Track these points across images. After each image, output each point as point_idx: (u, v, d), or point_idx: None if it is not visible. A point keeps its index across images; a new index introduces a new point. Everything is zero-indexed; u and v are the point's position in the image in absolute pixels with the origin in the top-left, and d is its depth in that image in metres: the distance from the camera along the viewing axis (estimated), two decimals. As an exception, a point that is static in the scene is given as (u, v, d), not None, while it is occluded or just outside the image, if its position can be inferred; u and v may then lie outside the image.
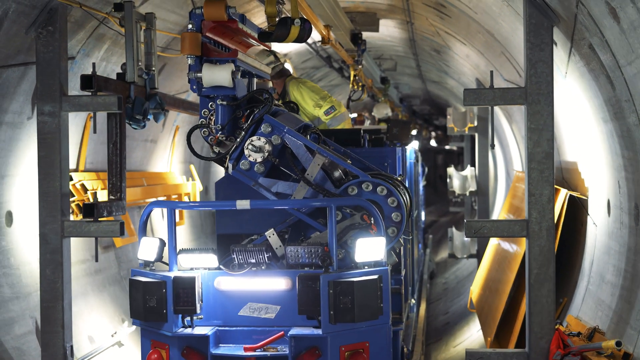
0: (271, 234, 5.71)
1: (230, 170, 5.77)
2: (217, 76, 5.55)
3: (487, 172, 17.30)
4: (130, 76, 6.79)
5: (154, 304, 5.26)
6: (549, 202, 6.12)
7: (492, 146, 6.31)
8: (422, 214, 18.30)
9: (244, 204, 5.40)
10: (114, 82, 6.73)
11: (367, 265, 5.34)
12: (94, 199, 8.01)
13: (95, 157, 8.73)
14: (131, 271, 5.54)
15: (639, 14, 4.71)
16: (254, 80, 6.31)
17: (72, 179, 7.96)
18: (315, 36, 9.88)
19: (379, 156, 6.58)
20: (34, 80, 6.68)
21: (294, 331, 5.26)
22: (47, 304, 6.49)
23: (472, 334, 13.10)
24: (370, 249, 5.34)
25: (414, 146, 14.33)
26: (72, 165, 8.13)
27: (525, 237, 6.20)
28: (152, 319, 5.32)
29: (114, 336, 8.77)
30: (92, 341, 8.39)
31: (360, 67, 11.89)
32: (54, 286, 6.48)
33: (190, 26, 5.56)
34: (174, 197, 10.90)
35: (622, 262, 6.07)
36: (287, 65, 8.60)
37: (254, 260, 5.47)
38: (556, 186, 7.38)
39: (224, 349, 5.37)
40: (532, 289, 6.16)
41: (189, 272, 5.44)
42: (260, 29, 6.25)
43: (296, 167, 5.71)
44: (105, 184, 8.15)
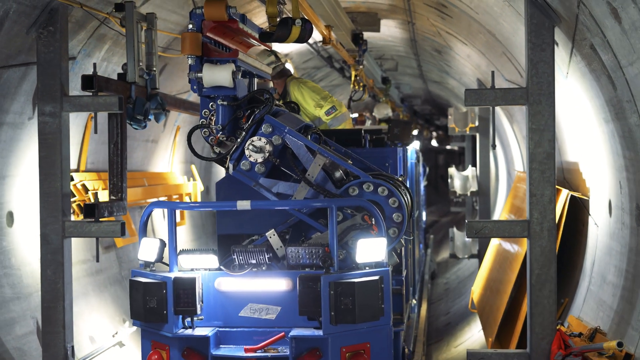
0: (272, 235, 5.69)
1: (230, 170, 5.75)
2: (217, 76, 5.54)
3: (488, 172, 17.28)
4: (131, 76, 6.79)
5: (154, 305, 5.25)
6: (550, 202, 6.11)
7: (493, 146, 6.29)
8: (423, 214, 18.28)
9: (244, 205, 5.38)
10: (114, 82, 6.73)
11: (368, 266, 5.32)
12: (95, 199, 8.01)
13: (96, 157, 8.73)
14: (131, 272, 5.54)
15: (640, 14, 4.70)
16: (255, 80, 6.29)
17: (73, 179, 7.96)
18: (316, 36, 9.87)
19: (380, 156, 6.57)
20: (34, 80, 6.68)
21: (294, 332, 5.25)
22: (48, 304, 6.49)
23: (473, 335, 13.09)
24: (371, 250, 5.33)
25: (415, 146, 14.31)
26: (73, 165, 8.13)
27: (526, 237, 6.19)
28: (152, 319, 5.31)
29: (115, 336, 8.77)
30: (93, 341, 8.39)
31: (361, 67, 11.87)
32: (55, 286, 6.48)
33: (190, 26, 5.55)
34: (175, 197, 10.89)
35: (624, 263, 6.06)
36: (288, 65, 8.58)
37: (254, 260, 5.45)
38: (557, 186, 7.37)
39: (225, 350, 5.36)
40: (533, 289, 6.15)
41: (190, 273, 5.42)
42: (261, 29, 6.23)
43: (297, 167, 5.70)
44: (106, 184, 8.14)
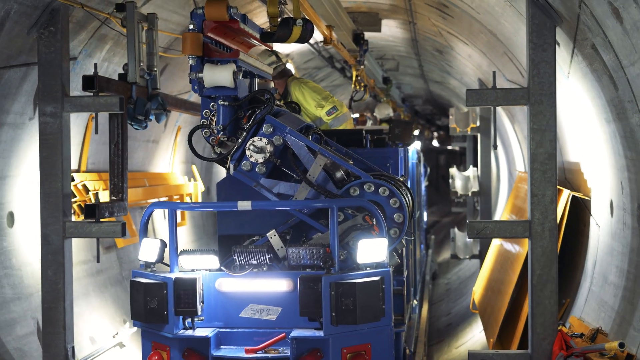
0: (273, 235, 5.68)
1: (231, 171, 5.74)
2: (218, 76, 5.52)
3: (489, 172, 17.26)
4: (132, 77, 6.78)
5: (155, 306, 5.24)
6: (552, 202, 6.10)
7: (494, 147, 6.28)
8: (424, 214, 18.26)
9: (245, 205, 5.37)
10: (115, 82, 6.72)
11: (369, 266, 5.31)
12: (96, 200, 7.97)
13: (96, 157, 8.73)
14: (132, 272, 5.53)
15: (642, 14, 4.69)
16: (256, 80, 6.28)
17: (73, 180, 7.95)
18: (317, 36, 9.86)
19: (381, 157, 6.56)
20: (35, 80, 6.68)
21: (295, 333, 5.23)
22: (49, 304, 6.49)
23: (474, 335, 13.07)
24: (372, 250, 5.32)
25: (416, 146, 14.28)
26: (74, 165, 8.13)
27: (527, 237, 6.18)
28: (152, 320, 5.31)
29: (115, 337, 8.76)
30: (94, 342, 8.38)
31: (362, 67, 11.86)
32: (56, 287, 6.48)
33: (191, 26, 5.53)
34: (175, 197, 10.88)
35: (625, 263, 6.05)
36: (289, 65, 8.57)
37: (255, 261, 5.44)
38: (559, 187, 7.35)
39: (225, 351, 5.35)
40: (534, 290, 6.14)
41: (190, 274, 5.41)
42: (262, 29, 6.22)
43: (298, 167, 5.69)
44: (106, 185, 8.13)
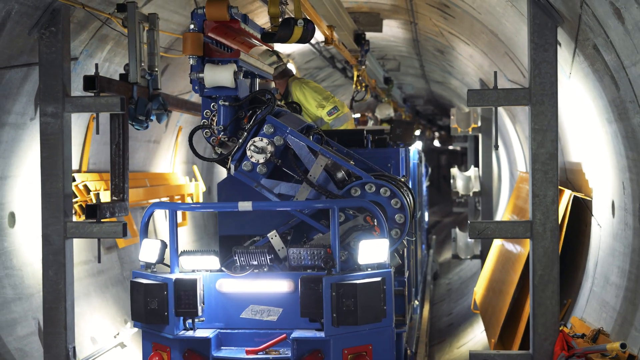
0: (273, 236, 5.68)
1: (232, 171, 5.73)
2: (219, 77, 5.52)
3: (490, 172, 17.24)
4: (133, 77, 6.78)
5: (155, 306, 5.24)
6: (553, 203, 6.09)
7: (495, 147, 6.28)
8: (426, 214, 18.26)
9: (246, 206, 5.37)
10: (116, 82, 6.72)
11: (370, 267, 5.31)
12: (97, 200, 7.99)
13: (97, 157, 8.72)
14: (132, 273, 5.52)
15: (643, 14, 4.68)
16: (257, 80, 6.28)
17: (74, 180, 7.94)
18: (318, 36, 9.86)
19: (382, 157, 6.55)
20: (36, 81, 6.67)
21: (296, 334, 5.23)
22: (50, 305, 6.49)
23: (475, 336, 13.05)
24: (373, 251, 5.31)
25: (417, 147, 14.27)
26: (75, 166, 8.12)
27: (529, 238, 6.17)
28: (153, 321, 5.30)
29: (116, 337, 8.76)
30: (95, 342, 8.38)
31: (363, 67, 11.85)
32: (57, 287, 6.48)
33: (192, 26, 5.53)
34: (176, 198, 10.88)
35: (627, 264, 6.04)
36: (289, 65, 8.56)
37: (256, 262, 5.43)
38: (560, 187, 7.34)
39: (226, 352, 5.34)
40: (536, 290, 6.13)
41: (191, 274, 5.41)
42: (263, 29, 6.22)
43: (299, 168, 5.68)
44: (108, 185, 8.14)
